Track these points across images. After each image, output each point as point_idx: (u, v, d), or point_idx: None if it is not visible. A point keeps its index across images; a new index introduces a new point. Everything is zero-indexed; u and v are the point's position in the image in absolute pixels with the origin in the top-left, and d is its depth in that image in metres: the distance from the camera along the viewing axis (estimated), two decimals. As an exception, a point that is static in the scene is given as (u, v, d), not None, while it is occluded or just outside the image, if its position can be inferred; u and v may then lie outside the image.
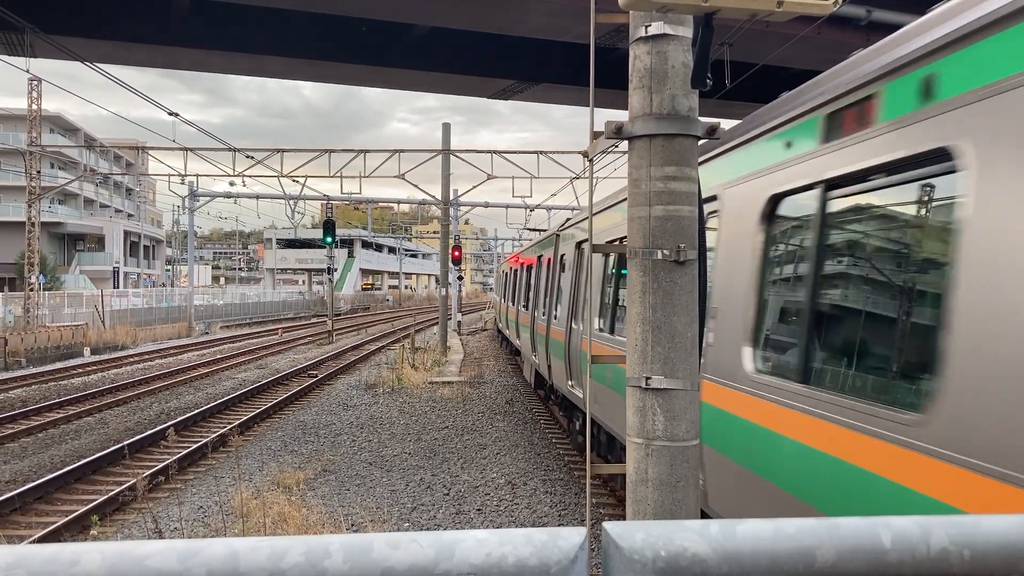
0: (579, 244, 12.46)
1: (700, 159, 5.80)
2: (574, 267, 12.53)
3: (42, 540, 8.87)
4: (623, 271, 8.21)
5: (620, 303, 9.04)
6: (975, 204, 3.05)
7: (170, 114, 24.12)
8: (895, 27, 4.41)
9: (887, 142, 3.63)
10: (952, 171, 3.23)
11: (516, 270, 24.10)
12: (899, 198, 3.83)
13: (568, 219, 15.41)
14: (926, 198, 3.64)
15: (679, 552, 1.16)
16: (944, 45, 3.29)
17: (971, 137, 3.10)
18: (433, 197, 33.97)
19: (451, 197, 34.04)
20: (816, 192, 4.31)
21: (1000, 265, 2.89)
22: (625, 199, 3.85)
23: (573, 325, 12.15)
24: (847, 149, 3.96)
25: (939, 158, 3.32)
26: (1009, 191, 2.89)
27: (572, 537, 1.16)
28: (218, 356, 29.78)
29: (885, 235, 4.08)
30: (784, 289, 4.89)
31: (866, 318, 4.06)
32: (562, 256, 14.36)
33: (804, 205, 4.53)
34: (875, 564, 1.20)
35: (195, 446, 13.29)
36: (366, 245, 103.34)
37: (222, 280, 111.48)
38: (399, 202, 54.70)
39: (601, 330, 9.62)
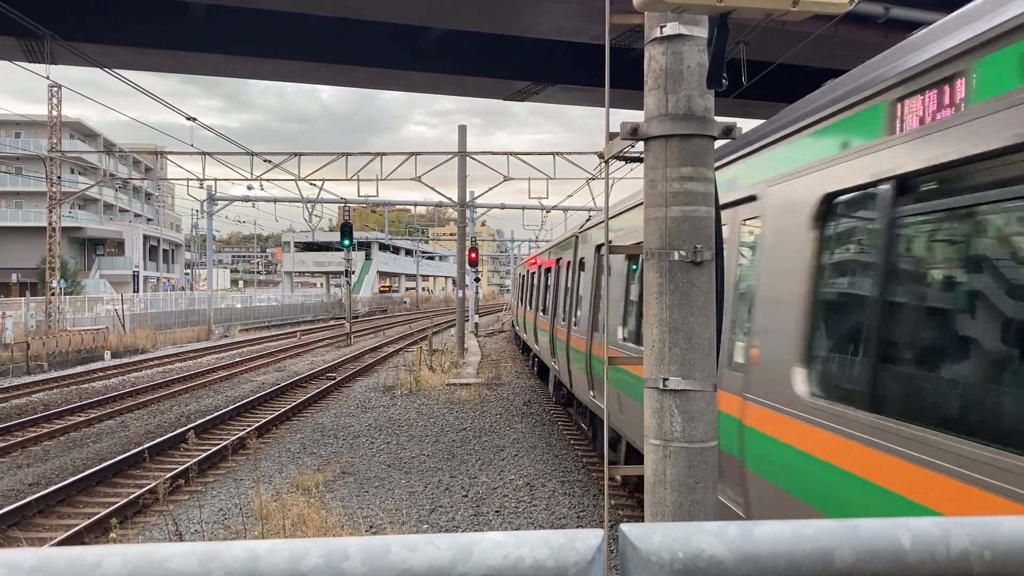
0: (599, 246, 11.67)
1: (722, 158, 5.49)
2: (594, 270, 11.91)
3: (65, 542, 8.96)
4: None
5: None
6: None
7: (188, 119, 24.31)
8: (913, 24, 4.32)
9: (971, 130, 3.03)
10: None
11: (533, 273, 23.78)
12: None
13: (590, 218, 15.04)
14: None
15: (696, 554, 1.16)
16: None
17: None
18: (449, 199, 34.04)
19: (467, 199, 34.09)
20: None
21: None
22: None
23: (596, 333, 11.54)
24: (927, 139, 3.31)
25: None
26: None
27: (589, 539, 1.16)
28: (237, 359, 29.94)
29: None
30: (852, 296, 4.05)
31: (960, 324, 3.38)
32: (581, 259, 13.73)
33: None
34: (894, 565, 1.19)
35: (215, 449, 13.36)
36: (383, 248, 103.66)
37: (241, 283, 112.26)
38: (416, 204, 54.88)
39: (625, 339, 9.03)
